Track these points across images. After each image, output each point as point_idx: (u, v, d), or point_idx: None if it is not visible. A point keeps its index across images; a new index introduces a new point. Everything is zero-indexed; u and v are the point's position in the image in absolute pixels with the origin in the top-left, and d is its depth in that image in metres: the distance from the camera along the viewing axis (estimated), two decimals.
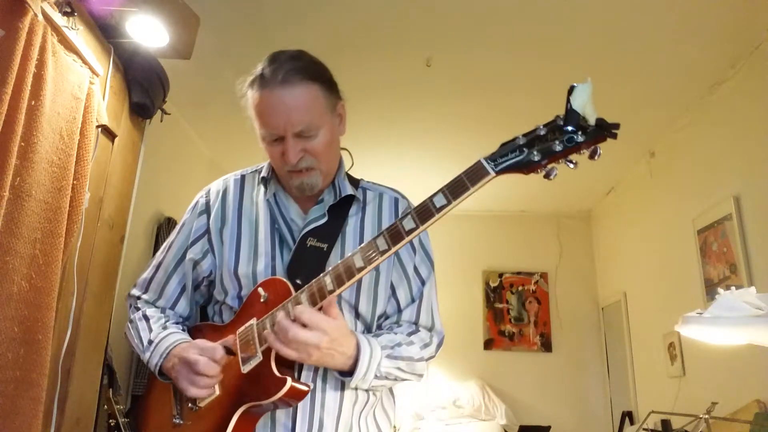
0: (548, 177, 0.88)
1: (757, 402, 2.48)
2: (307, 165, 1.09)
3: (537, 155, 0.87)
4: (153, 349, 1.12)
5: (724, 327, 1.40)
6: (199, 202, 1.24)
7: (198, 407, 1.07)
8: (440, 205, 0.90)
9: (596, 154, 0.88)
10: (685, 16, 2.54)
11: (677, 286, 3.47)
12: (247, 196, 1.21)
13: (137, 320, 1.21)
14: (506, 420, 4.38)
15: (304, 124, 1.07)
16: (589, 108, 0.87)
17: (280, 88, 1.07)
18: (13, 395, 1.36)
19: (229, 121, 3.76)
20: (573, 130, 0.86)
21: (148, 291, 1.24)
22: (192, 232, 1.20)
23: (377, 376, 1.04)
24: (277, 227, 1.15)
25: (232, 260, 1.13)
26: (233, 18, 2.67)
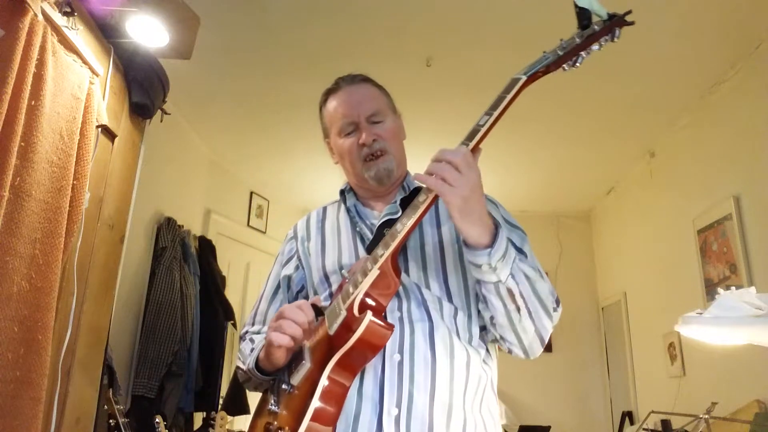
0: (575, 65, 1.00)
1: (757, 402, 2.48)
2: (380, 147, 1.19)
3: (561, 53, 0.99)
4: (253, 353, 1.17)
5: (724, 327, 1.40)
6: (288, 234, 1.37)
7: (292, 386, 1.05)
8: (483, 121, 0.98)
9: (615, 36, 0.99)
10: (685, 16, 2.54)
11: (677, 286, 3.47)
12: (329, 219, 1.32)
13: (244, 345, 1.27)
14: (506, 420, 4.38)
15: (374, 109, 1.22)
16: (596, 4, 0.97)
17: (349, 85, 1.26)
18: (13, 395, 1.36)
19: (229, 121, 3.76)
20: (587, 24, 0.97)
21: (255, 323, 1.33)
22: (284, 254, 1.33)
23: (512, 274, 0.99)
24: (358, 230, 1.22)
25: (320, 263, 1.22)
26: (233, 18, 2.67)
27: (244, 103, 3.50)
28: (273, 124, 3.74)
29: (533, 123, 3.52)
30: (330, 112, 1.27)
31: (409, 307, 1.09)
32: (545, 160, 4.11)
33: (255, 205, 4.70)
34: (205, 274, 3.55)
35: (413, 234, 1.14)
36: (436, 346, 1.05)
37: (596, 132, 3.68)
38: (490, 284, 1.00)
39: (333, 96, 1.27)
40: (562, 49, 0.98)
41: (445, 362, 1.05)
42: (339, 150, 1.25)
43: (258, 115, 3.64)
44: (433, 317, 1.09)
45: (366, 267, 1.02)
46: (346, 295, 1.03)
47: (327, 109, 1.28)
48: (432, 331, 1.06)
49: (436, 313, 1.09)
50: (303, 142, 3.90)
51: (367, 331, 0.94)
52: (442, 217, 1.19)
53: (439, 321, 1.08)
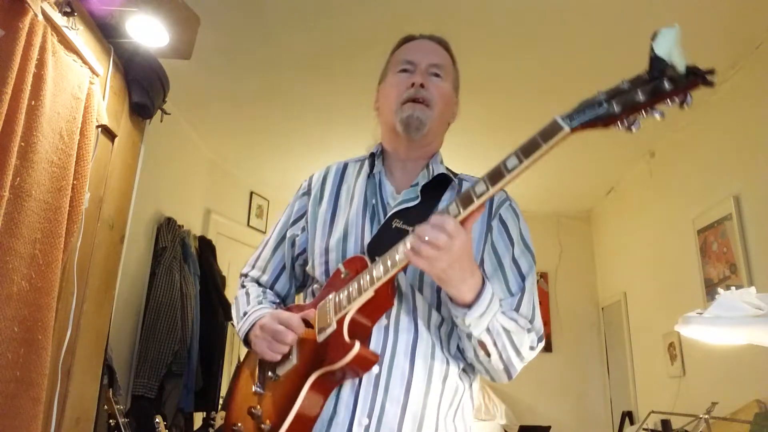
0: (631, 129, 0.81)
1: (757, 402, 2.48)
2: (426, 96, 1.14)
3: (618, 107, 0.80)
4: (245, 319, 1.18)
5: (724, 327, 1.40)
6: (302, 185, 1.31)
7: (277, 376, 1.10)
8: (512, 165, 0.87)
9: (686, 102, 0.76)
10: (685, 16, 2.54)
11: (677, 286, 3.47)
12: (347, 180, 1.26)
13: (240, 296, 1.27)
14: (506, 420, 4.38)
15: (439, 62, 1.19)
16: (676, 54, 0.75)
17: (428, 39, 1.24)
18: (13, 395, 1.36)
19: (229, 121, 3.76)
20: (658, 77, 0.76)
21: (255, 268, 1.31)
22: (294, 212, 1.28)
23: (489, 329, 1.00)
24: (373, 202, 1.18)
25: (325, 234, 1.18)
26: (233, 18, 2.67)
27: (244, 103, 3.49)
28: (273, 124, 3.73)
29: (533, 123, 3.51)
30: (396, 55, 1.24)
31: (399, 313, 1.09)
32: (545, 160, 4.10)
33: (255, 205, 4.71)
34: (205, 274, 3.55)
35: None
36: (416, 360, 1.07)
37: (596, 132, 3.67)
38: (463, 332, 1.04)
39: (406, 44, 1.25)
40: (621, 102, 0.80)
41: (422, 376, 1.06)
42: (386, 88, 1.22)
43: (258, 115, 3.64)
44: (419, 328, 1.09)
45: (363, 284, 1.01)
46: (339, 305, 1.04)
47: (395, 54, 1.25)
48: (415, 344, 1.08)
49: (422, 323, 1.10)
50: (303, 142, 3.90)
51: (353, 361, 0.99)
52: None
53: (424, 332, 1.09)
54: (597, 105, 0.82)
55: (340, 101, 3.32)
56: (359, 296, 1.01)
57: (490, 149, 4.07)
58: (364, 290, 1.00)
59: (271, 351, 1.07)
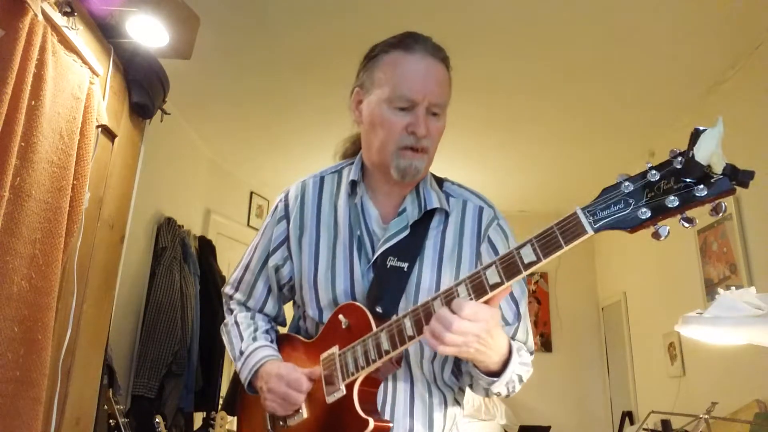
0: (658, 238, 0.76)
1: (757, 402, 2.48)
2: (426, 145, 1.05)
3: (646, 211, 0.75)
4: (244, 361, 1.16)
5: (724, 327, 1.40)
6: (278, 207, 1.23)
7: (287, 425, 1.11)
8: (528, 261, 0.83)
9: (721, 210, 0.72)
10: (685, 16, 2.54)
11: (677, 286, 3.47)
12: (326, 199, 1.18)
13: (230, 325, 1.25)
14: (506, 420, 4.38)
15: (441, 100, 1.06)
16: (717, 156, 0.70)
17: (431, 57, 1.06)
18: (13, 395, 1.36)
19: (229, 121, 3.76)
20: (693, 182, 0.71)
21: (239, 291, 1.27)
22: (273, 239, 1.20)
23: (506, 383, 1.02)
24: (358, 234, 1.12)
25: (312, 270, 1.14)
26: (233, 18, 2.67)
27: (244, 103, 3.49)
28: (273, 124, 3.73)
29: (533, 123, 3.52)
30: (390, 71, 1.05)
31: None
32: (545, 160, 4.11)
33: (255, 205, 4.71)
34: (205, 274, 3.55)
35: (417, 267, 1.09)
36: (415, 403, 1.09)
37: (596, 132, 3.68)
38: (481, 388, 1.05)
39: (403, 55, 1.05)
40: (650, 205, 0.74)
41: (422, 418, 1.09)
42: (378, 119, 1.06)
43: (258, 115, 3.64)
44: (413, 372, 1.10)
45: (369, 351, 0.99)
46: (345, 368, 1.03)
47: (385, 63, 1.07)
48: (412, 390, 1.09)
49: (416, 366, 1.10)
50: (303, 142, 3.90)
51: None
52: (444, 260, 1.10)
53: (418, 374, 1.10)
54: (623, 202, 0.77)
55: (339, 101, 3.31)
56: (367, 366, 1.00)
57: (491, 149, 4.07)
58: (372, 361, 0.99)
59: (283, 411, 1.08)
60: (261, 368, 1.12)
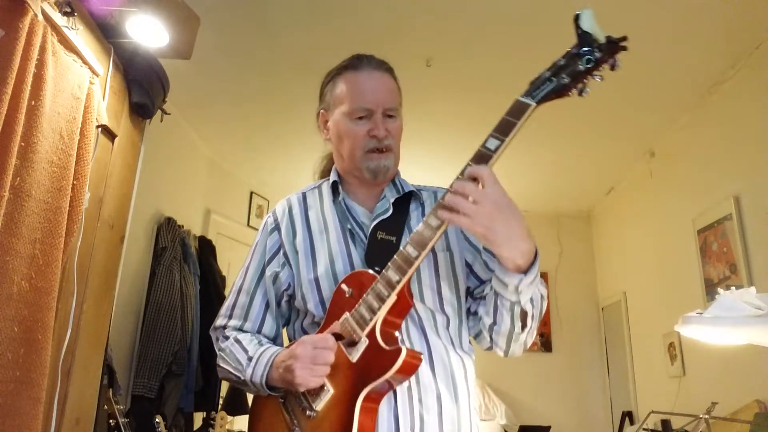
0: (581, 94, 0.98)
1: (757, 402, 2.48)
2: (388, 144, 1.18)
3: (566, 78, 0.97)
4: (254, 364, 1.12)
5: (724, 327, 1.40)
6: (267, 222, 1.27)
7: (315, 412, 1.06)
8: (494, 146, 0.97)
9: (616, 65, 0.97)
10: (685, 16, 2.54)
11: (677, 286, 3.47)
12: (312, 210, 1.25)
13: (230, 346, 1.19)
14: (506, 420, 4.38)
15: (393, 104, 1.20)
16: (596, 28, 0.97)
17: (376, 70, 1.21)
18: (13, 395, 1.36)
19: (229, 121, 3.76)
20: (589, 50, 0.96)
21: (233, 317, 1.24)
22: (267, 250, 1.23)
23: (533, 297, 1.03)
24: (349, 227, 1.19)
25: (310, 267, 1.17)
26: (234, 18, 2.67)
27: (244, 103, 3.50)
28: (273, 124, 3.73)
29: (533, 123, 3.52)
30: (345, 89, 1.20)
31: (407, 328, 1.11)
32: (545, 160, 4.11)
33: (255, 205, 4.71)
34: (205, 274, 3.55)
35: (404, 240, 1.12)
36: (436, 368, 1.10)
37: (596, 132, 3.68)
38: (508, 301, 1.04)
39: (353, 73, 1.21)
40: (569, 73, 0.97)
41: (446, 380, 1.10)
42: (343, 131, 1.20)
43: (258, 115, 3.64)
44: (429, 337, 1.12)
45: (380, 292, 1.01)
46: (362, 320, 1.03)
47: (341, 84, 1.21)
48: (430, 353, 1.11)
49: (431, 331, 1.12)
50: (303, 142, 3.90)
51: (404, 365, 0.99)
52: None
53: (435, 339, 1.12)
54: (548, 81, 0.98)
55: None
56: (383, 304, 1.01)
57: None
58: (386, 297, 1.00)
59: (315, 377, 1.03)
60: (275, 359, 1.09)
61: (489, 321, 1.10)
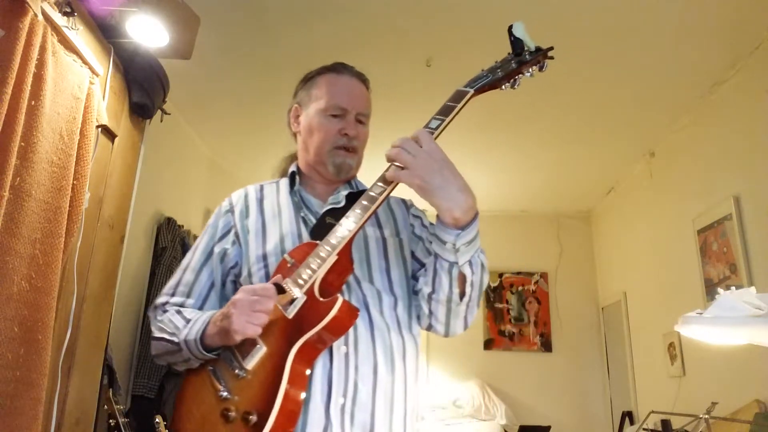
0: (513, 86, 1.19)
1: (757, 402, 2.48)
2: (355, 145, 1.26)
3: (500, 72, 1.17)
4: (191, 324, 1.09)
5: (724, 327, 1.40)
6: (222, 205, 1.30)
7: (245, 371, 1.02)
8: (435, 126, 1.09)
9: (543, 66, 1.19)
10: (685, 16, 2.54)
11: (677, 286, 3.47)
12: (268, 199, 1.29)
13: (169, 316, 1.17)
14: (506, 420, 4.38)
15: (366, 111, 1.29)
16: (527, 37, 1.17)
17: (356, 79, 1.31)
18: (13, 395, 1.36)
19: (229, 121, 3.76)
20: (520, 52, 1.17)
21: (176, 295, 1.22)
22: (218, 229, 1.25)
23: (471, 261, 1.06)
24: (302, 215, 1.23)
25: (260, 242, 1.19)
26: (234, 18, 2.67)
27: (244, 103, 3.50)
28: (273, 124, 3.73)
29: (533, 123, 3.52)
30: (324, 87, 1.28)
31: (350, 300, 1.10)
32: (545, 160, 4.11)
33: None
34: None
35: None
36: (377, 343, 1.11)
37: (596, 132, 3.68)
38: (446, 262, 1.05)
39: (334, 75, 1.29)
40: (503, 70, 1.16)
41: (384, 356, 1.10)
42: (315, 125, 1.26)
43: (258, 115, 3.64)
44: (372, 314, 1.12)
45: (320, 253, 1.03)
46: (300, 279, 1.03)
47: (320, 82, 1.29)
48: (372, 328, 1.11)
49: (374, 309, 1.13)
50: None
51: (340, 313, 0.98)
52: (381, 220, 1.26)
53: (377, 317, 1.13)
54: (485, 76, 1.18)
55: None
56: (323, 262, 1.02)
57: (491, 149, 4.07)
58: (327, 255, 1.02)
59: (253, 323, 0.99)
60: (214, 315, 1.06)
61: (428, 290, 1.11)
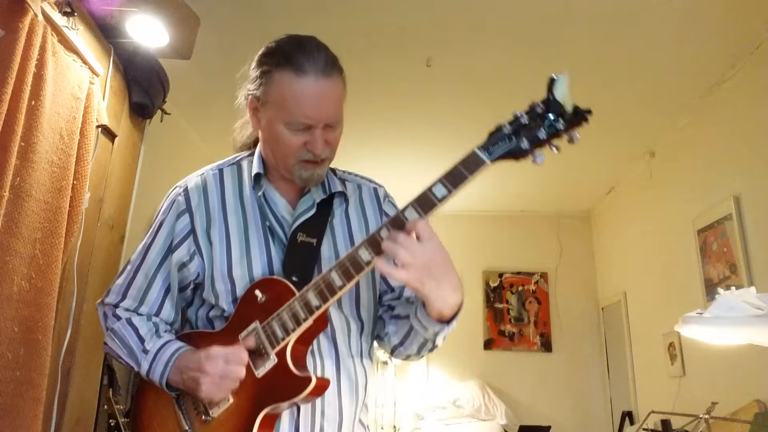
0: (535, 162, 0.97)
1: (757, 402, 2.48)
2: (325, 156, 1.08)
3: (525, 143, 0.95)
4: (152, 358, 1.05)
5: (724, 327, 1.40)
6: (177, 200, 1.16)
7: (211, 418, 1.02)
8: (441, 195, 0.95)
9: (574, 138, 0.96)
10: (685, 16, 2.54)
11: (677, 286, 3.47)
12: (229, 191, 1.17)
13: (121, 326, 1.11)
14: (506, 420, 4.38)
15: (337, 116, 1.08)
16: (567, 97, 0.94)
17: (323, 78, 1.04)
18: (13, 395, 1.36)
19: (229, 121, 3.74)
20: (554, 118, 0.94)
21: (126, 297, 1.13)
22: (175, 233, 1.12)
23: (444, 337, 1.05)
24: (268, 224, 1.12)
25: (225, 261, 1.08)
26: (233, 18, 2.67)
27: None
28: None
29: None
30: (285, 96, 1.04)
31: (318, 338, 1.07)
32: (545, 160, 4.10)
33: None
34: None
35: (326, 245, 1.11)
36: (342, 380, 1.09)
37: (596, 132, 3.67)
38: (422, 338, 1.05)
39: (296, 79, 1.03)
40: (528, 137, 0.95)
41: (350, 393, 1.10)
42: (276, 136, 1.07)
43: None
44: (340, 349, 1.10)
45: (297, 313, 0.98)
46: (273, 336, 1.00)
47: (279, 82, 1.05)
48: (339, 365, 1.09)
49: (342, 342, 1.10)
50: None
51: (312, 392, 0.97)
52: (354, 233, 1.15)
53: (344, 352, 1.10)
54: (507, 139, 0.96)
55: None
56: (298, 327, 0.98)
57: None
58: (303, 320, 0.98)
59: (222, 392, 0.99)
60: (179, 360, 1.03)
61: (395, 341, 1.12)
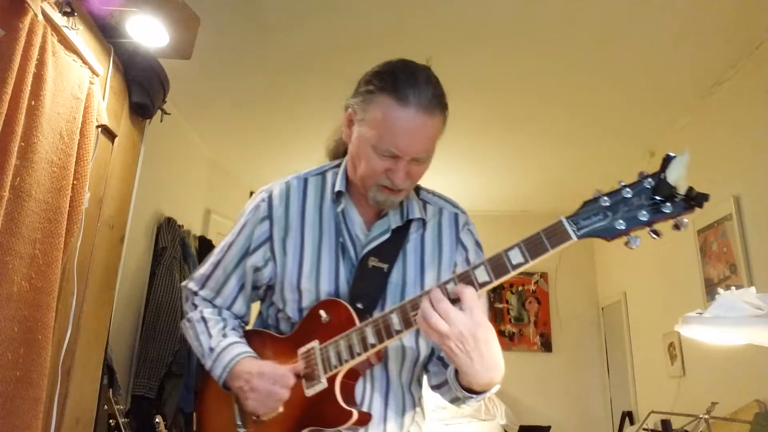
0: (629, 245, 0.88)
1: (757, 402, 2.48)
2: (404, 187, 1.08)
3: (622, 223, 0.86)
4: (215, 358, 1.14)
5: (724, 327, 1.40)
6: (261, 206, 1.21)
7: (260, 420, 1.10)
8: (516, 262, 0.90)
9: (682, 225, 0.85)
10: (685, 16, 2.54)
11: (677, 286, 3.47)
12: (311, 202, 1.19)
13: (195, 321, 1.21)
14: (506, 420, 4.38)
15: (427, 152, 1.07)
16: (682, 180, 0.83)
17: (424, 114, 1.02)
18: (13, 395, 1.36)
19: (229, 121, 3.76)
20: (661, 200, 0.84)
21: (205, 288, 1.24)
22: (254, 237, 1.18)
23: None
24: (341, 240, 1.14)
25: (295, 272, 1.13)
26: (233, 18, 2.67)
27: (243, 103, 3.49)
28: (273, 124, 3.74)
29: (533, 123, 3.52)
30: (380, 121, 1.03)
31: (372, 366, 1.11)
32: (545, 160, 4.11)
33: None
34: None
35: (396, 271, 1.13)
36: (389, 408, 1.11)
37: (596, 132, 3.68)
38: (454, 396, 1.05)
39: (396, 108, 1.02)
40: (626, 218, 0.85)
41: (395, 422, 1.12)
42: (362, 154, 1.07)
43: (258, 115, 3.64)
44: (391, 376, 1.13)
45: (354, 345, 1.01)
46: (327, 362, 1.04)
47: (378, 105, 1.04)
48: (387, 393, 1.12)
49: (394, 370, 1.13)
50: (303, 142, 3.90)
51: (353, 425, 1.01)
52: (426, 262, 1.16)
53: (395, 379, 1.13)
54: (602, 213, 0.87)
55: (340, 101, 3.32)
56: (351, 359, 1.01)
57: (491, 149, 4.07)
58: (357, 354, 1.01)
59: (266, 410, 1.06)
60: (237, 366, 1.10)
61: (434, 383, 1.14)
